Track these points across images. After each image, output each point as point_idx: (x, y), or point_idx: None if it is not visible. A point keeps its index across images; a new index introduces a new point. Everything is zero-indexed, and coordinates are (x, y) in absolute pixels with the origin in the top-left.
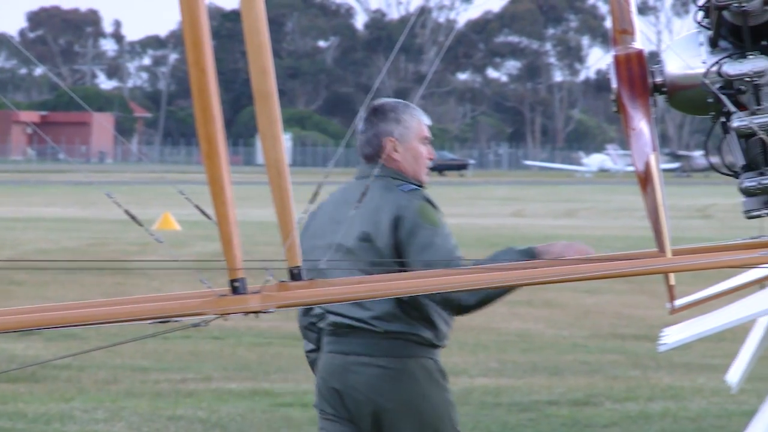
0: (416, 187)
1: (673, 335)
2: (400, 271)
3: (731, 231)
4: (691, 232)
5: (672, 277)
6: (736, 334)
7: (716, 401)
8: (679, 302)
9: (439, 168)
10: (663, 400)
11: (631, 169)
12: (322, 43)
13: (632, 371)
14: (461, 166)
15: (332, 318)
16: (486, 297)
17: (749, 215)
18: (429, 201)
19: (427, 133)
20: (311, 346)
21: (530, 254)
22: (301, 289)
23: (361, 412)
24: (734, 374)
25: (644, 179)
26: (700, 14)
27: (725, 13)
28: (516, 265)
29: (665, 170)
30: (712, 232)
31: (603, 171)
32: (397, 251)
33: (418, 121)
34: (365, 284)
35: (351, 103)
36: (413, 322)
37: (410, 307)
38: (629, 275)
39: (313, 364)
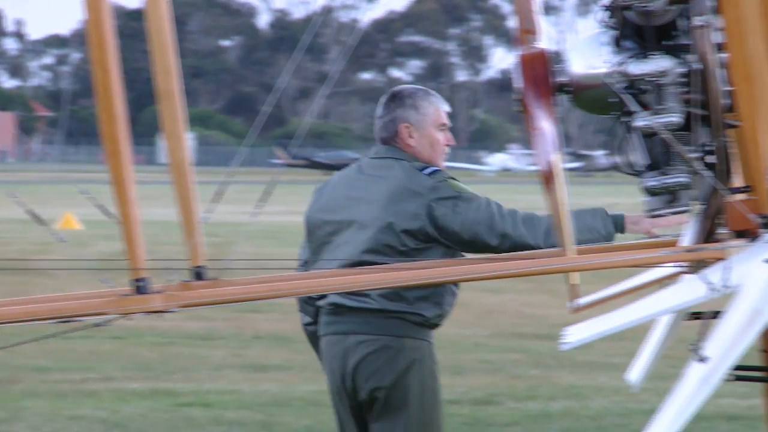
0: (438, 169)
1: (575, 334)
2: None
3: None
4: None
5: (574, 276)
6: (637, 333)
7: (617, 400)
8: (581, 301)
9: (341, 167)
10: (564, 399)
11: (533, 168)
12: (225, 43)
13: (533, 370)
14: None
15: (332, 298)
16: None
17: (652, 215)
18: (452, 177)
19: (445, 120)
20: (308, 319)
21: (619, 222)
22: (204, 289)
23: (362, 392)
24: (635, 373)
25: (547, 178)
26: (604, 14)
27: (628, 13)
28: (416, 264)
29: (567, 169)
30: None
31: (505, 170)
32: (426, 238)
33: (435, 108)
34: (267, 284)
35: (254, 102)
36: (417, 302)
37: (413, 289)
38: (531, 274)
39: (311, 337)
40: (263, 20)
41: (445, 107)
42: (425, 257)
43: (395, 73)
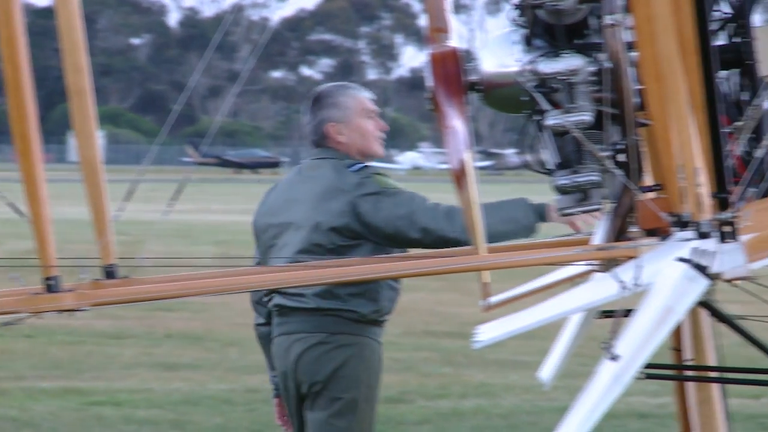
0: (365, 165)
1: (487, 332)
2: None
3: (544, 228)
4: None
5: (485, 274)
6: (547, 331)
7: (528, 398)
8: (492, 300)
9: (252, 165)
10: (475, 397)
11: (444, 167)
12: (135, 41)
13: (445, 368)
14: (274, 164)
15: (276, 299)
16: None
17: (563, 213)
18: (379, 173)
19: (369, 106)
20: (261, 320)
21: (540, 212)
22: (115, 287)
23: (302, 387)
24: (546, 371)
25: (459, 177)
26: (515, 13)
27: (539, 12)
28: (331, 262)
29: (478, 168)
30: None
31: (416, 169)
32: (352, 235)
33: (356, 99)
34: (178, 283)
35: (164, 100)
36: (350, 299)
37: (349, 284)
38: (444, 273)
39: (262, 337)
40: (173, 18)
41: (367, 94)
42: (355, 254)
43: (306, 71)
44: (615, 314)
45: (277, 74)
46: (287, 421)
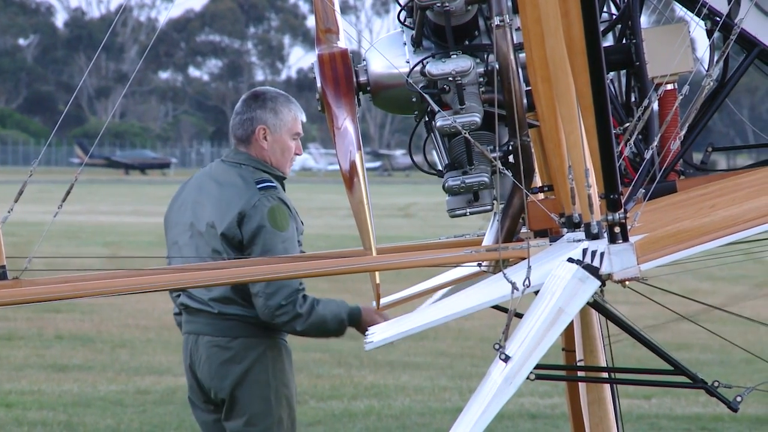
0: (273, 185)
1: (378, 334)
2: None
3: (434, 229)
4: (394, 231)
5: (377, 275)
6: (439, 332)
7: (419, 399)
8: (383, 301)
9: (140, 167)
10: (367, 398)
11: (333, 168)
12: (22, 42)
13: (336, 369)
14: (163, 165)
15: (182, 299)
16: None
17: (453, 214)
18: (283, 201)
19: (299, 130)
20: (176, 310)
21: (355, 315)
22: (5, 289)
23: (210, 392)
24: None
25: (349, 178)
26: (404, 14)
27: (428, 13)
28: (225, 263)
29: (367, 169)
30: (414, 230)
31: (305, 170)
32: (238, 245)
33: (294, 117)
34: (70, 284)
35: (52, 101)
36: (250, 306)
37: (246, 293)
38: (335, 273)
39: (179, 325)
40: (60, 19)
41: (303, 117)
42: None
43: (194, 72)
44: (506, 315)
45: (165, 75)
46: None
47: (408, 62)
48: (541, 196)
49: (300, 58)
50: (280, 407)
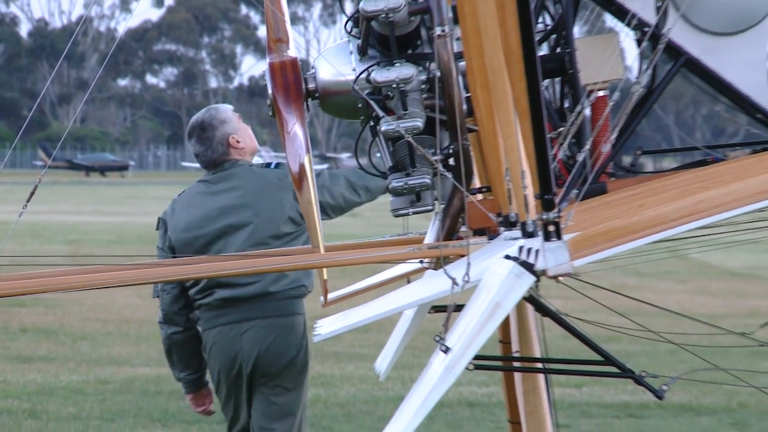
0: (276, 163)
1: (326, 327)
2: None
3: (378, 228)
4: (340, 230)
5: (325, 272)
6: (383, 325)
7: (364, 388)
8: (330, 296)
9: (100, 169)
10: (314, 387)
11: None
12: None
13: None
14: (122, 167)
15: (223, 293)
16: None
17: (396, 214)
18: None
19: (237, 115)
20: (178, 329)
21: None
22: None
23: (254, 371)
24: (381, 363)
25: (299, 180)
26: (350, 24)
27: (373, 24)
28: (174, 261)
29: (317, 170)
30: (360, 229)
31: None
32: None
33: (230, 113)
34: (36, 280)
35: (17, 107)
36: (298, 276)
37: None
38: (286, 270)
39: (177, 343)
40: (24, 29)
41: (228, 106)
42: (299, 241)
43: (151, 79)
44: (447, 309)
45: (123, 82)
46: (207, 407)
47: (354, 70)
48: (479, 196)
49: (251, 67)
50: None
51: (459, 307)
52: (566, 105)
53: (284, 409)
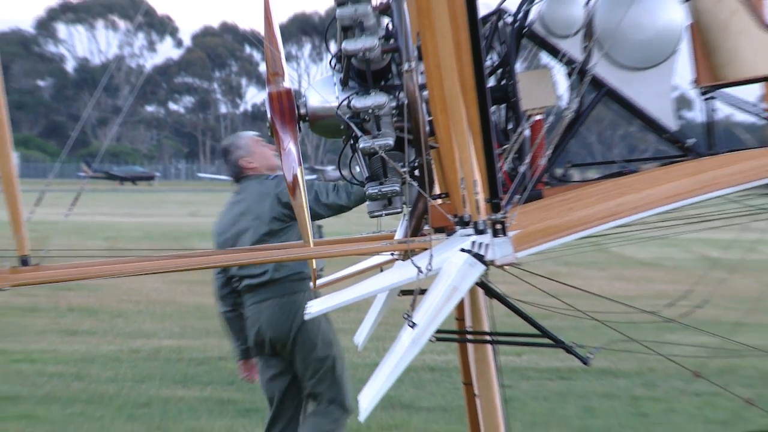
0: (275, 175)
1: (317, 306)
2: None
3: (357, 227)
4: (326, 228)
5: (314, 262)
6: (360, 305)
7: (346, 356)
8: (318, 282)
9: (131, 179)
10: None
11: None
12: (41, 83)
13: None
14: (149, 177)
15: (246, 281)
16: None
17: (372, 215)
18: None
19: (258, 139)
20: (227, 308)
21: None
22: (29, 273)
23: (275, 343)
24: (360, 335)
25: (292, 187)
26: (334, 61)
27: (353, 60)
28: (189, 254)
29: (307, 180)
30: (341, 227)
31: None
32: (286, 216)
33: (247, 138)
34: (78, 269)
35: (64, 129)
36: (296, 266)
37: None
38: (283, 260)
39: (228, 320)
40: (70, 65)
41: (252, 133)
42: (291, 233)
43: (173, 106)
44: (413, 292)
45: (150, 108)
46: (251, 376)
47: (338, 98)
48: (439, 201)
49: (254, 96)
50: (330, 346)
51: (423, 291)
52: (510, 126)
53: (312, 366)
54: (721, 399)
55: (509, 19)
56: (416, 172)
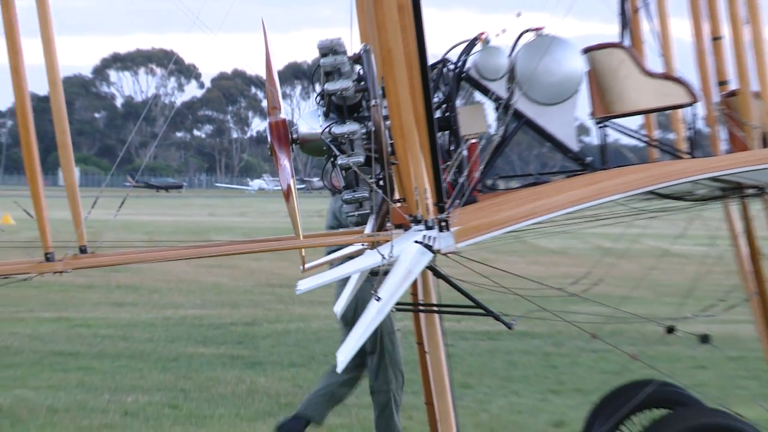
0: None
1: (304, 284)
2: None
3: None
4: (312, 224)
5: (303, 251)
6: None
7: (328, 322)
8: (307, 265)
9: (165, 187)
10: (297, 322)
11: (278, 188)
12: (96, 115)
13: (279, 305)
14: (178, 187)
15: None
16: None
17: (347, 215)
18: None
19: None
20: None
21: None
22: (87, 259)
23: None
24: (338, 306)
25: (287, 194)
26: (318, 98)
27: (333, 98)
28: (205, 245)
29: (297, 189)
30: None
31: (261, 190)
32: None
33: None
34: (124, 255)
35: (114, 150)
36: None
37: None
38: (277, 250)
39: None
40: (119, 101)
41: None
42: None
43: (197, 133)
44: (379, 273)
45: (179, 134)
46: None
47: (321, 126)
48: (399, 204)
49: (258, 125)
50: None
51: (386, 273)
52: (452, 148)
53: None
54: (612, 355)
55: (451, 67)
56: (381, 182)
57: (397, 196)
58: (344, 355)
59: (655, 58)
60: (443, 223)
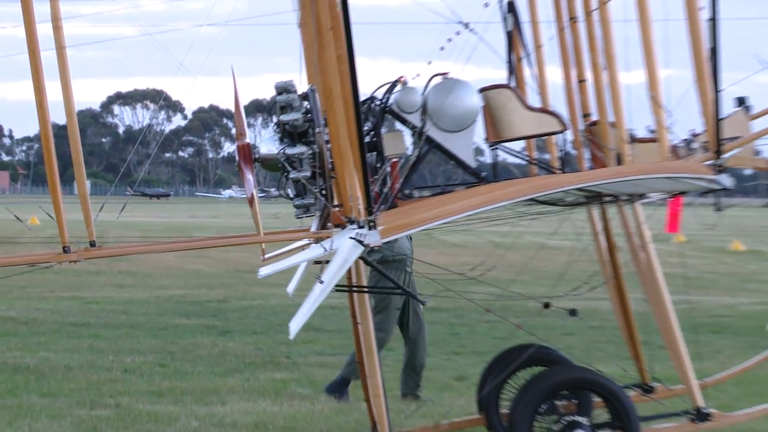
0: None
1: (264, 270)
2: None
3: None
4: (270, 224)
5: (263, 244)
6: (291, 270)
7: (283, 301)
8: (266, 256)
9: (156, 195)
10: (258, 299)
11: (244, 196)
12: (103, 140)
13: (245, 286)
14: (167, 195)
15: (373, 256)
16: None
17: (297, 217)
18: None
19: None
20: None
21: None
22: (96, 251)
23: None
24: (290, 287)
25: (251, 201)
26: (275, 126)
27: (287, 126)
28: (188, 239)
29: (259, 197)
30: (280, 225)
31: (231, 197)
32: None
33: None
34: (127, 248)
35: (117, 167)
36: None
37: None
38: (241, 244)
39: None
40: (121, 129)
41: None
42: None
43: (181, 153)
44: (323, 262)
45: (168, 155)
46: None
47: (278, 148)
48: (337, 208)
49: (229, 147)
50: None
51: (327, 261)
52: (378, 165)
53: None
54: (502, 325)
55: (378, 102)
56: (323, 192)
57: (336, 202)
58: (295, 326)
59: (534, 95)
60: (372, 223)
